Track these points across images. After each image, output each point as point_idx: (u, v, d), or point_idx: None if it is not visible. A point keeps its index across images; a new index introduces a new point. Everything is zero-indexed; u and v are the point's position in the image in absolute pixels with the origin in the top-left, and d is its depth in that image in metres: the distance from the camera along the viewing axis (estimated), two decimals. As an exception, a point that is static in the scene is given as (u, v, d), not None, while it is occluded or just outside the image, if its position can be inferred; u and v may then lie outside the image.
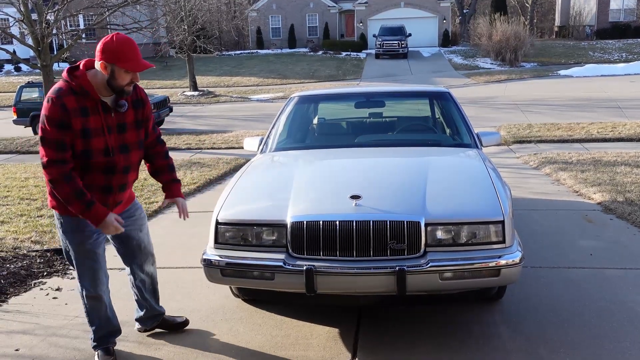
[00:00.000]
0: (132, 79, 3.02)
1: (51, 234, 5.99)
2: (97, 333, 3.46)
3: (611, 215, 6.11)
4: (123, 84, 3.01)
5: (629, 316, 3.83)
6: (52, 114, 2.91)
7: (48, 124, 2.91)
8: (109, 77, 2.98)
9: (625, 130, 11.29)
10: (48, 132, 2.91)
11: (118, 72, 2.96)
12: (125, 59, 2.94)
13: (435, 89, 6.08)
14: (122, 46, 2.93)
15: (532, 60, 31.41)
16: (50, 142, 2.92)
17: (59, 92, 2.95)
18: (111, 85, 3.00)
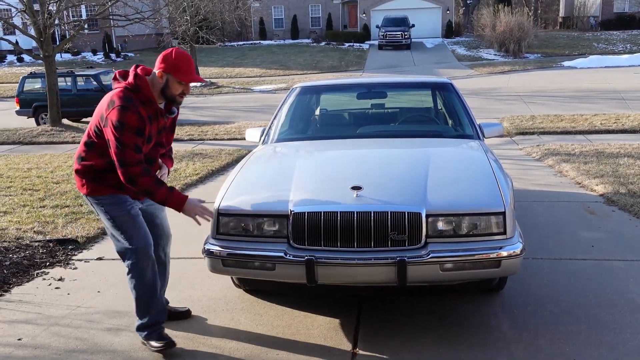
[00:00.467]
0: (184, 90, 3.31)
1: (53, 225, 6.01)
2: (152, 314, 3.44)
3: (613, 207, 6.10)
4: (175, 93, 3.30)
5: (630, 307, 3.83)
6: (131, 121, 3.14)
7: (127, 130, 3.14)
8: (163, 86, 3.28)
9: (629, 122, 11.25)
10: (127, 137, 3.15)
11: (172, 81, 3.26)
12: (180, 71, 3.24)
13: (437, 80, 6.06)
14: (178, 59, 3.25)
15: (536, 52, 31.26)
16: (130, 146, 3.16)
17: (132, 102, 3.19)
18: (164, 94, 3.30)
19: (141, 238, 3.38)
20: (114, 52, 36.12)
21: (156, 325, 3.48)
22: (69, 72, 16.41)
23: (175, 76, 3.24)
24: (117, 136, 3.14)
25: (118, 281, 4.59)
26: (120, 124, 3.13)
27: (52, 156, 10.54)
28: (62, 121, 14.60)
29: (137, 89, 3.23)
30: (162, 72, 3.25)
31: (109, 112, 3.17)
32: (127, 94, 3.20)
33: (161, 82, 3.27)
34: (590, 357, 3.24)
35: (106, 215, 3.39)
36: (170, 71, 3.24)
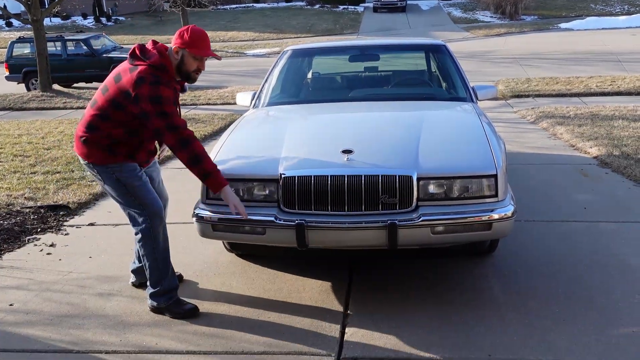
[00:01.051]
0: (199, 65, 3.32)
1: (45, 191, 5.98)
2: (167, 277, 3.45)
3: (607, 169, 6.10)
4: (190, 69, 3.31)
5: (621, 268, 3.85)
6: (166, 94, 3.18)
7: (166, 102, 3.17)
8: (179, 62, 3.29)
9: (625, 84, 11.17)
10: (168, 107, 3.18)
11: (187, 57, 3.27)
12: (195, 46, 3.25)
13: (431, 42, 5.97)
14: (194, 34, 3.26)
15: (533, 13, 30.89)
16: (172, 114, 3.20)
17: (165, 77, 3.22)
18: (180, 70, 3.31)
19: (155, 202, 3.41)
20: (105, 16, 35.55)
21: (173, 291, 3.49)
22: (59, 36, 16.15)
23: (191, 51, 3.25)
24: (158, 108, 3.15)
25: (109, 247, 4.58)
26: (158, 97, 3.14)
27: (43, 122, 10.43)
28: (52, 87, 14.42)
29: (163, 68, 3.23)
30: (178, 47, 3.26)
31: (139, 89, 3.13)
32: (154, 72, 3.20)
33: (177, 57, 3.28)
34: (581, 318, 3.26)
35: (117, 183, 3.36)
36: (186, 47, 3.24)
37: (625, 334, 3.09)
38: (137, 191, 3.38)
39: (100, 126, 3.29)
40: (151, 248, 3.41)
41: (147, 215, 3.39)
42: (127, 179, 3.36)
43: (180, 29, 3.33)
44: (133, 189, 3.37)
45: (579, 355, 2.92)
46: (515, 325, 3.22)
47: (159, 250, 3.43)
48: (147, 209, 3.39)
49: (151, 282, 3.47)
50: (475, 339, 3.09)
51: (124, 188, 3.38)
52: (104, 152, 3.32)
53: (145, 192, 3.40)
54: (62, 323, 3.43)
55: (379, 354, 3.01)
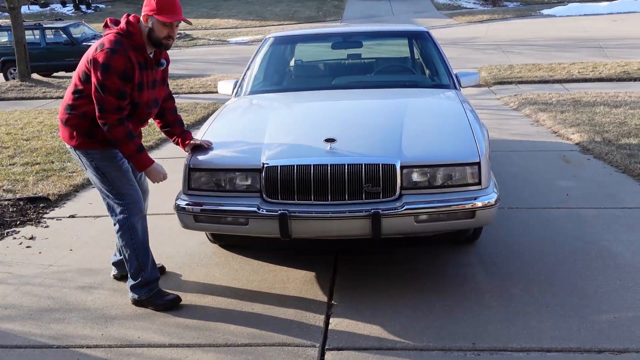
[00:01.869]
0: (169, 32, 3.21)
1: (24, 183, 5.88)
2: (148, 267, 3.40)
3: (589, 155, 6.13)
4: (161, 36, 3.20)
5: (602, 254, 3.88)
6: (118, 64, 3.07)
7: (112, 73, 3.06)
8: (149, 30, 3.19)
9: (606, 70, 11.24)
10: (111, 81, 3.07)
11: (156, 24, 3.17)
12: (163, 11, 3.15)
13: (414, 29, 5.94)
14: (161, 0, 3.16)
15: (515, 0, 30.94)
16: (112, 90, 3.09)
17: (122, 45, 3.12)
18: (151, 38, 3.20)
19: (133, 193, 3.36)
20: (84, 4, 34.96)
21: (154, 283, 3.44)
22: (37, 24, 15.88)
23: (159, 18, 3.15)
24: (101, 79, 3.07)
25: (91, 239, 4.52)
26: (106, 67, 3.06)
27: (22, 112, 10.27)
28: (31, 76, 14.19)
29: (128, 34, 3.17)
30: (146, 15, 3.18)
31: (97, 53, 3.10)
32: (117, 38, 3.14)
33: (147, 25, 3.19)
34: (563, 304, 3.28)
35: (96, 170, 3.32)
36: (154, 13, 3.16)
37: (607, 319, 3.12)
38: (115, 180, 3.32)
39: (76, 104, 3.25)
40: (129, 239, 3.36)
41: (124, 205, 3.34)
42: (105, 167, 3.31)
43: None
44: (111, 177, 3.32)
45: (561, 341, 2.93)
46: (498, 313, 3.23)
47: (137, 241, 3.38)
48: (124, 199, 3.33)
49: (131, 274, 3.43)
50: (460, 327, 3.10)
51: (102, 176, 3.33)
52: (84, 136, 3.26)
53: (124, 181, 3.34)
54: (42, 317, 3.38)
55: (363, 344, 3.00)
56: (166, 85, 3.57)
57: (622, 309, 3.21)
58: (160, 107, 3.55)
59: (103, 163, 3.30)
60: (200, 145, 3.58)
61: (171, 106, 3.65)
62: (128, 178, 3.37)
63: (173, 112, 3.66)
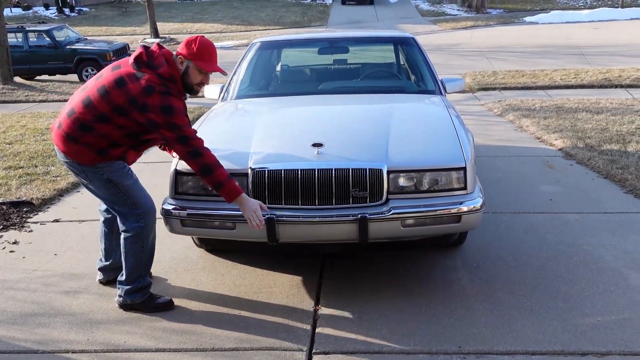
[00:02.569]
0: (203, 80, 3.23)
1: (7, 187, 5.82)
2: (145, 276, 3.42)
3: (571, 161, 6.21)
4: (194, 82, 3.21)
5: (585, 259, 3.93)
6: (177, 105, 3.10)
7: (178, 113, 3.08)
8: (183, 72, 3.18)
9: (588, 77, 11.39)
10: (179, 118, 3.09)
11: (192, 69, 3.17)
12: (203, 59, 3.16)
13: (399, 35, 5.98)
14: (202, 46, 3.17)
15: (499, 7, 31.30)
16: (185, 124, 3.12)
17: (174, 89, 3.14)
18: (184, 81, 3.20)
19: (148, 201, 3.34)
20: (68, 7, 34.71)
21: (148, 288, 3.44)
22: (20, 27, 15.72)
23: (197, 64, 3.15)
24: (170, 119, 3.06)
25: (75, 244, 4.49)
26: (169, 107, 3.06)
27: (4, 116, 10.15)
28: (14, 79, 14.04)
29: (172, 79, 3.14)
30: (184, 58, 3.16)
31: (149, 98, 3.03)
32: (164, 83, 3.10)
33: (181, 68, 3.18)
34: (547, 308, 3.32)
35: (108, 182, 3.25)
36: (192, 59, 3.15)
37: (591, 322, 3.16)
38: (129, 190, 3.29)
39: (96, 127, 3.14)
40: (140, 247, 3.33)
41: (141, 215, 3.30)
42: (118, 178, 3.26)
43: (188, 39, 3.22)
44: (125, 188, 3.27)
45: (546, 344, 2.97)
46: (484, 316, 3.26)
47: (147, 249, 3.37)
48: (140, 208, 3.30)
49: (129, 280, 3.38)
50: (445, 331, 3.12)
51: (115, 188, 3.27)
52: (94, 153, 3.19)
53: (137, 190, 3.32)
54: (26, 322, 3.35)
55: (350, 348, 3.01)
56: None
57: (605, 312, 3.25)
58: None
59: (115, 175, 3.25)
60: None
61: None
62: (140, 187, 3.35)
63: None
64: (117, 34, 26.02)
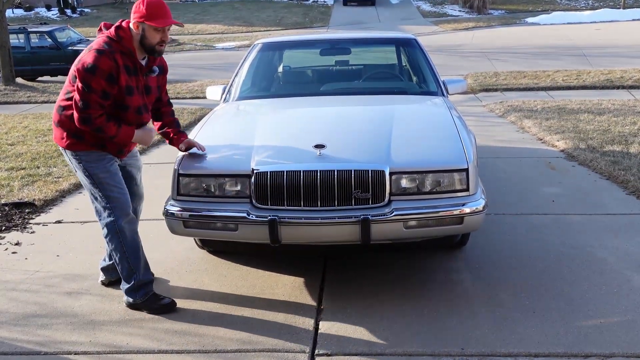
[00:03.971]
0: (162, 37, 3.21)
1: (9, 188, 5.82)
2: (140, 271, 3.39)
3: (573, 162, 6.21)
4: (154, 42, 3.20)
5: (587, 260, 3.92)
6: (104, 65, 3.08)
7: (99, 75, 3.07)
8: (141, 36, 3.19)
9: (590, 78, 11.39)
10: (96, 81, 3.08)
11: (148, 30, 3.17)
12: (154, 16, 3.14)
13: (401, 36, 5.99)
14: (150, 4, 3.14)
15: (500, 8, 31.30)
16: (97, 91, 3.09)
17: (111, 47, 3.14)
18: (143, 45, 3.21)
19: (120, 197, 3.34)
20: (69, 8, 34.77)
21: (148, 286, 3.43)
22: (22, 28, 15.78)
23: (150, 23, 3.15)
24: (86, 79, 3.07)
25: (77, 244, 4.49)
26: (92, 67, 3.06)
27: (6, 117, 10.17)
28: (16, 80, 14.06)
29: (117, 38, 3.17)
30: (137, 22, 3.17)
31: (85, 55, 3.13)
32: (106, 41, 3.16)
33: (138, 32, 3.18)
34: (550, 309, 3.32)
35: (84, 172, 3.32)
36: (145, 19, 3.15)
37: (593, 324, 3.15)
38: (102, 182, 3.31)
39: (66, 105, 3.25)
40: (118, 242, 3.35)
41: (111, 208, 3.32)
42: (93, 169, 3.30)
43: (136, 2, 3.21)
44: (99, 179, 3.30)
45: (549, 346, 2.96)
46: (486, 318, 3.25)
47: (126, 244, 3.36)
48: (111, 202, 3.32)
49: (124, 277, 3.42)
50: (448, 333, 3.12)
51: (90, 178, 3.32)
52: (73, 137, 3.26)
53: (111, 184, 3.33)
54: (29, 323, 3.35)
55: (352, 349, 3.01)
56: (164, 92, 3.63)
57: (608, 314, 3.25)
58: (160, 111, 3.63)
59: (91, 165, 3.30)
60: (194, 144, 3.59)
61: (169, 110, 3.70)
62: (116, 181, 3.35)
63: (171, 115, 3.70)
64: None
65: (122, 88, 3.17)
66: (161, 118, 3.67)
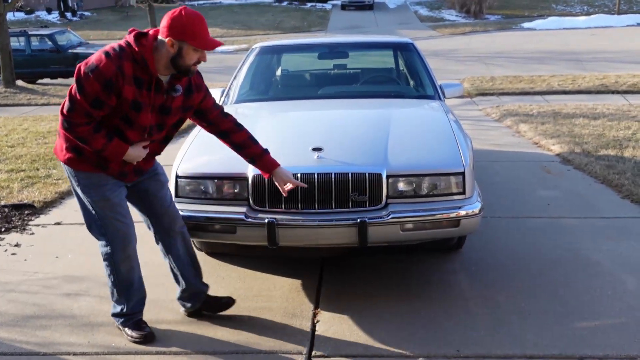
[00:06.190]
0: (200, 58, 2.80)
1: (8, 190, 5.84)
2: (129, 304, 3.15)
3: (569, 166, 6.25)
4: (190, 63, 2.78)
5: (582, 263, 3.96)
6: (105, 69, 2.66)
7: (95, 76, 2.66)
8: (175, 55, 2.74)
9: (585, 83, 11.45)
10: (92, 85, 2.67)
11: (187, 50, 2.73)
12: (196, 36, 2.72)
13: (398, 40, 6.03)
14: (192, 22, 2.71)
15: (497, 13, 31.42)
16: (87, 94, 2.69)
17: (120, 52, 2.72)
18: (176, 64, 2.77)
19: (120, 228, 2.99)
20: (70, 11, 34.80)
21: (131, 315, 3.19)
22: (22, 31, 15.79)
23: (191, 43, 2.71)
24: (82, 79, 2.69)
25: (76, 246, 4.51)
26: (92, 67, 2.68)
27: (6, 119, 10.19)
28: (16, 83, 14.08)
29: (136, 44, 2.75)
30: (174, 39, 2.70)
31: (93, 55, 2.77)
32: (120, 46, 2.75)
33: (172, 51, 2.73)
34: (545, 312, 3.35)
35: (81, 195, 2.99)
36: (184, 38, 2.70)
37: (588, 326, 3.19)
38: (99, 212, 2.97)
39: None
40: (111, 271, 3.10)
41: (108, 241, 3.02)
42: (90, 194, 2.95)
43: (171, 14, 2.73)
44: (95, 207, 2.96)
45: (544, 348, 2.99)
46: (482, 320, 3.28)
47: (119, 279, 3.11)
48: (108, 234, 3.00)
49: (112, 300, 3.23)
50: (444, 335, 3.15)
51: (86, 203, 2.99)
52: (71, 151, 2.90)
53: (109, 215, 2.96)
54: (28, 324, 3.37)
55: (349, 351, 3.04)
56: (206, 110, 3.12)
57: (603, 317, 3.28)
58: (220, 128, 3.19)
59: (88, 190, 2.94)
60: (290, 181, 3.21)
61: (230, 125, 3.19)
62: (116, 212, 2.98)
63: (237, 130, 3.20)
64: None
65: (125, 101, 2.75)
66: (228, 137, 3.21)
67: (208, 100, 3.13)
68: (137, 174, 3.08)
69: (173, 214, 3.24)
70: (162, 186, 3.21)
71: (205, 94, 3.10)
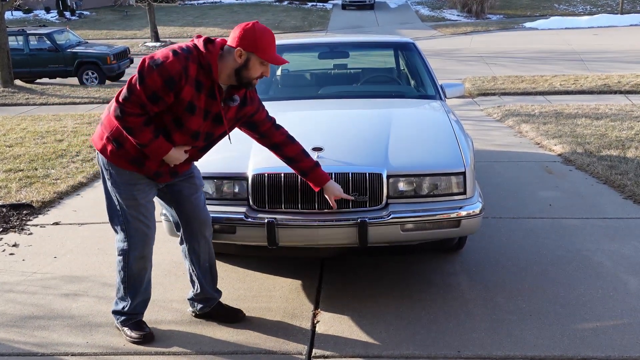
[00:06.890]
0: (263, 72, 2.82)
1: (6, 189, 5.83)
2: (133, 303, 3.15)
3: (571, 167, 6.23)
4: (254, 76, 2.81)
5: (584, 264, 3.93)
6: (170, 66, 2.67)
7: (159, 71, 2.67)
8: (241, 66, 2.77)
9: (587, 83, 11.42)
10: (153, 78, 2.67)
11: (254, 62, 2.77)
12: (265, 50, 2.75)
13: (399, 40, 6.01)
14: (263, 35, 2.75)
15: (498, 12, 31.38)
16: (147, 86, 2.68)
17: (188, 53, 2.73)
18: (240, 75, 2.80)
19: (137, 231, 3.01)
20: (68, 10, 34.79)
21: (133, 315, 3.19)
22: (21, 30, 15.76)
23: (260, 56, 2.74)
24: (145, 71, 2.67)
25: (75, 246, 4.49)
26: (157, 62, 2.67)
27: (5, 118, 10.17)
28: (14, 82, 14.07)
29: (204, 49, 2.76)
30: (243, 50, 2.74)
31: (160, 50, 2.78)
32: (189, 47, 2.77)
33: (239, 61, 2.76)
34: (546, 312, 3.33)
35: (109, 187, 2.99)
36: (254, 50, 2.73)
37: (589, 327, 3.17)
38: (124, 211, 2.98)
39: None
40: (123, 267, 3.10)
41: (127, 238, 3.03)
42: (120, 192, 2.95)
43: (243, 27, 2.77)
44: (122, 205, 2.97)
45: (545, 349, 2.97)
46: (483, 321, 3.26)
47: (130, 276, 3.11)
48: (128, 230, 3.01)
49: (116, 297, 3.23)
50: (445, 335, 3.13)
51: (113, 199, 3.00)
52: (112, 142, 2.88)
53: (133, 214, 2.98)
54: (26, 325, 3.35)
55: (349, 351, 3.02)
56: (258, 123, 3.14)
57: (604, 318, 3.26)
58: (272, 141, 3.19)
59: (118, 186, 2.94)
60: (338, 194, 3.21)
61: (282, 137, 3.19)
62: (140, 212, 2.99)
63: (289, 142, 3.19)
64: (117, 38, 26.07)
65: (182, 101, 2.75)
66: (281, 149, 3.20)
67: (261, 113, 3.14)
68: (172, 176, 3.07)
69: (204, 218, 3.22)
70: (196, 189, 3.19)
71: (258, 106, 3.11)
